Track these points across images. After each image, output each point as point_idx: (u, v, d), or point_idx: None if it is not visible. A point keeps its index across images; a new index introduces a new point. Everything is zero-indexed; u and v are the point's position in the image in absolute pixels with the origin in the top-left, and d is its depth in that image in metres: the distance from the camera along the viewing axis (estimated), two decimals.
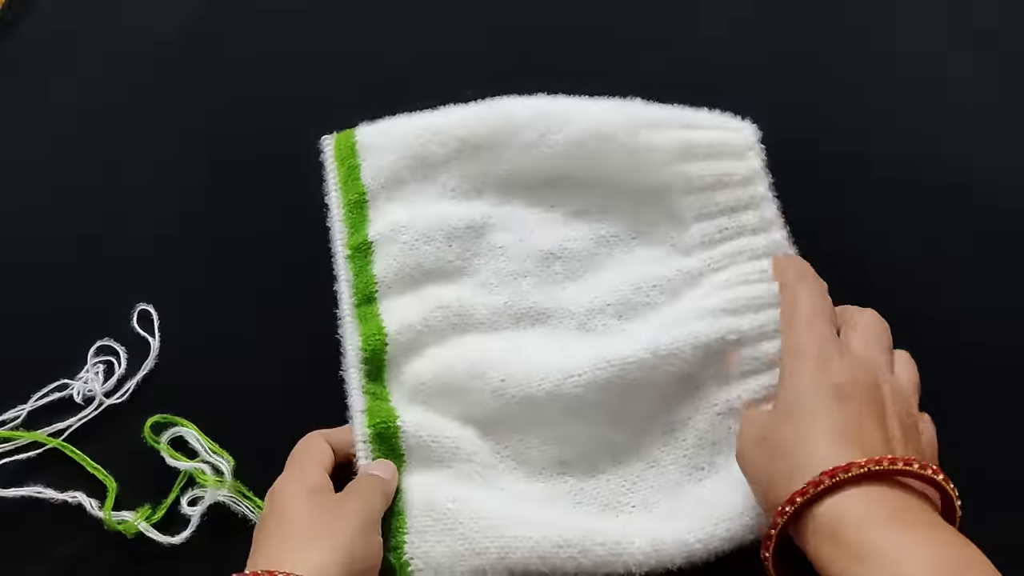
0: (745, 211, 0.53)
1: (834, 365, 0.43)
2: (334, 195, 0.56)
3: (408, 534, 0.46)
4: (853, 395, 0.42)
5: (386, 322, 0.52)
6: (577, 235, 0.55)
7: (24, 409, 0.52)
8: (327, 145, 0.58)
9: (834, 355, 0.44)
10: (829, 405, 0.41)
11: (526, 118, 0.54)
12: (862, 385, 0.42)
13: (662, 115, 0.54)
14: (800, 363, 0.44)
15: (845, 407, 0.41)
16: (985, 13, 0.63)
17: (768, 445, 0.43)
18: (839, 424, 0.41)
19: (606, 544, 0.45)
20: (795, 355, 0.45)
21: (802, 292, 0.48)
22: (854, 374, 0.43)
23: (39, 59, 0.64)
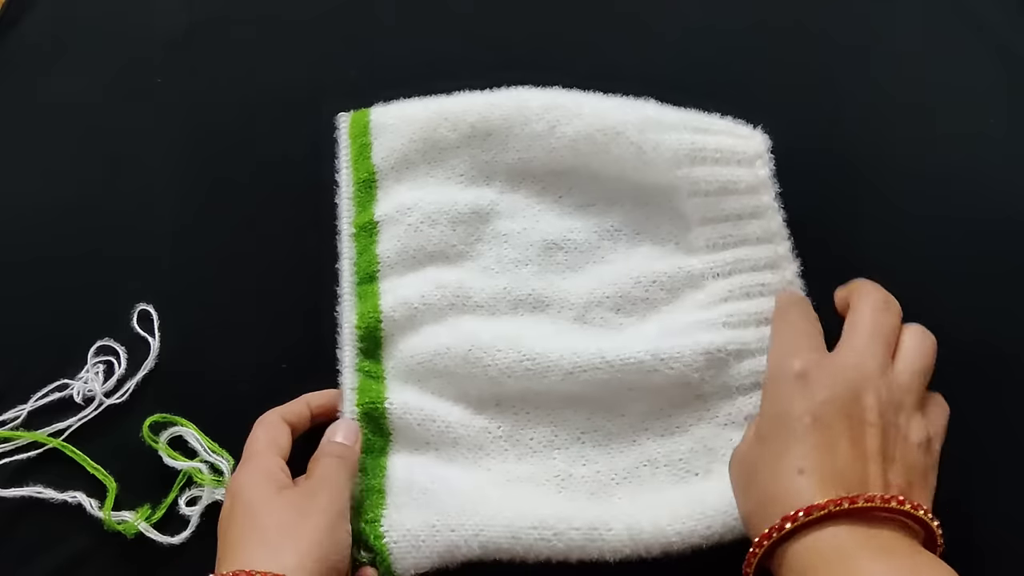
0: (750, 220, 0.53)
1: (811, 384, 0.41)
2: (344, 173, 0.57)
3: (386, 508, 0.47)
4: (825, 417, 0.40)
5: (383, 300, 0.52)
6: (581, 227, 0.55)
7: (24, 409, 0.52)
8: (342, 122, 0.58)
9: (812, 371, 0.42)
10: (803, 433, 0.40)
11: (538, 108, 0.55)
12: (839, 402, 0.40)
13: (673, 117, 0.54)
14: (776, 383, 0.42)
15: (819, 433, 0.40)
16: (988, 15, 0.63)
17: (746, 470, 0.42)
18: (803, 455, 0.39)
19: (582, 528, 0.45)
20: (773, 373, 0.43)
21: (792, 313, 0.47)
22: (833, 390, 0.41)
23: (39, 59, 0.64)
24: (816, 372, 0.41)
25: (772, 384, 0.43)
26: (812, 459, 0.39)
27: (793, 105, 0.60)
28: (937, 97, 0.60)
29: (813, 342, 0.44)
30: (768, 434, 0.41)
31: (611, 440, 0.50)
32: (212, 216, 0.58)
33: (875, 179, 0.58)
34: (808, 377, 0.41)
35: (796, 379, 0.42)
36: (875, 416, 0.40)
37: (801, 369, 0.42)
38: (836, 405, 0.40)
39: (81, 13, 0.66)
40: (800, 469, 0.39)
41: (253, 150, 0.60)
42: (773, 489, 0.39)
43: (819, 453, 0.39)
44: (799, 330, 0.45)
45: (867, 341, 0.43)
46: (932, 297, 0.54)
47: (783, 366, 0.43)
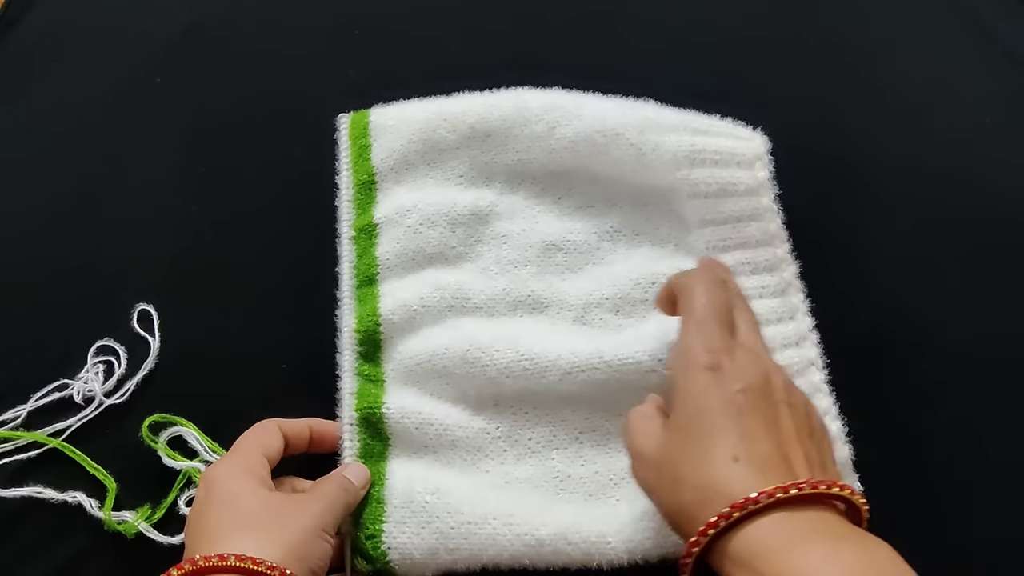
0: (749, 222, 0.53)
1: (726, 373, 0.41)
2: (344, 175, 0.57)
3: (386, 523, 0.47)
4: (746, 405, 0.40)
5: (382, 303, 0.52)
6: (581, 228, 0.55)
7: (24, 409, 0.52)
8: (343, 123, 0.58)
9: (724, 360, 0.41)
10: (725, 423, 0.40)
11: (537, 109, 0.55)
12: (754, 390, 0.40)
13: (673, 118, 0.55)
14: (693, 374, 0.42)
15: (741, 422, 0.39)
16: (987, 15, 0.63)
17: (668, 467, 0.41)
18: (734, 443, 0.39)
19: (580, 545, 0.46)
20: (687, 363, 0.42)
21: (698, 289, 0.45)
22: (745, 378, 0.41)
23: (39, 59, 0.64)
24: (728, 362, 0.42)
25: (685, 378, 0.42)
26: (743, 447, 0.39)
27: (792, 107, 0.60)
28: (935, 99, 0.60)
29: (719, 330, 0.44)
30: (689, 427, 0.41)
31: (609, 440, 0.50)
32: (212, 216, 0.58)
33: (873, 180, 0.58)
34: (721, 368, 0.41)
35: (708, 371, 0.41)
36: (784, 396, 0.41)
37: (714, 361, 0.42)
38: (753, 391, 0.41)
39: (81, 13, 0.66)
40: (734, 457, 0.38)
41: (253, 150, 0.60)
42: (709, 480, 0.38)
43: (748, 440, 0.39)
44: (706, 318, 0.44)
45: (753, 327, 0.45)
46: (931, 297, 0.54)
47: (694, 360, 0.42)
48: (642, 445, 0.42)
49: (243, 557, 0.39)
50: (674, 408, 0.42)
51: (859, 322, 0.53)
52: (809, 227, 0.55)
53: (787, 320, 0.52)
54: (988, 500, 0.49)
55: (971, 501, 0.49)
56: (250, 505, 0.43)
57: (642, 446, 0.42)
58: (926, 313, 0.54)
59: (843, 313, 0.53)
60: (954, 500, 0.49)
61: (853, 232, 0.56)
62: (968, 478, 0.50)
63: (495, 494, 0.48)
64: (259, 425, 0.48)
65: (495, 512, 0.47)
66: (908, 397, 0.52)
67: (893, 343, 0.53)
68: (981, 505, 0.49)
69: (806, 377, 0.50)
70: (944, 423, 0.51)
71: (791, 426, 0.40)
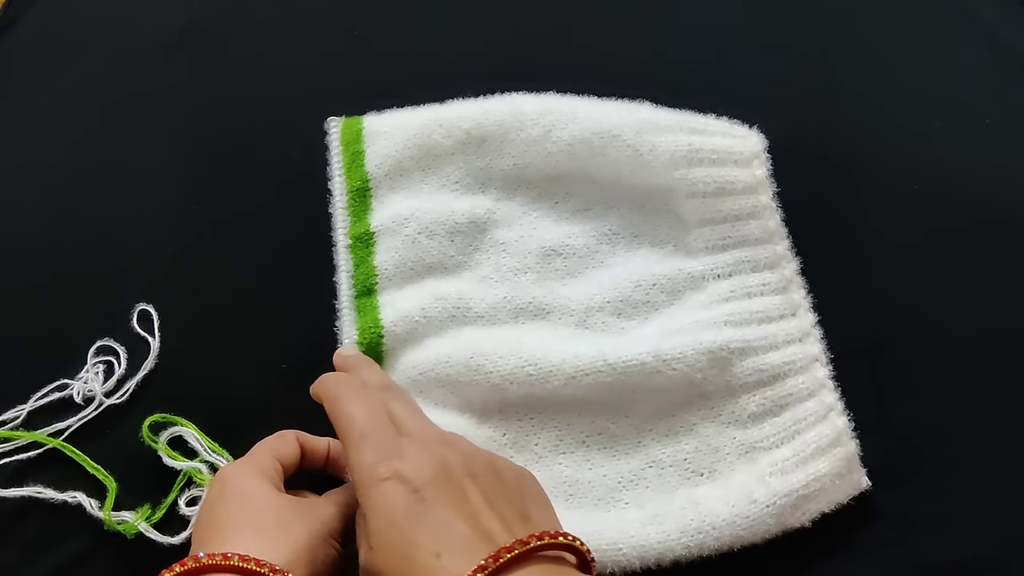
0: (748, 220, 0.53)
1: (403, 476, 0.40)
2: (337, 181, 0.56)
3: None
4: (430, 498, 0.39)
5: (383, 314, 0.52)
6: (579, 232, 0.55)
7: (24, 409, 0.52)
8: (333, 128, 0.58)
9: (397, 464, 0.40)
10: (415, 525, 0.38)
11: (533, 113, 0.55)
12: (432, 480, 0.39)
13: (669, 119, 0.55)
14: (371, 490, 0.40)
15: (429, 518, 0.38)
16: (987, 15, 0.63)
17: None
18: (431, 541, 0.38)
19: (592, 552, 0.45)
20: (363, 482, 0.41)
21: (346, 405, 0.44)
22: (422, 472, 0.40)
23: (38, 59, 0.64)
24: (403, 466, 0.40)
25: (367, 496, 0.40)
26: (440, 538, 0.38)
27: (788, 105, 0.60)
28: (934, 98, 0.60)
29: (383, 437, 0.42)
30: (387, 541, 0.39)
31: (616, 443, 0.50)
32: (212, 216, 0.58)
33: (871, 179, 0.58)
34: (400, 473, 0.40)
35: (388, 480, 0.40)
36: (463, 471, 0.40)
37: (390, 470, 0.40)
38: (433, 483, 0.39)
39: (80, 13, 0.66)
40: (435, 554, 0.37)
41: (252, 150, 0.60)
42: None
43: (442, 530, 0.38)
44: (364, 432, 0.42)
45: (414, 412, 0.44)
46: (929, 296, 0.54)
47: (372, 475, 0.40)
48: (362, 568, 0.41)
49: (246, 557, 0.39)
50: (366, 525, 0.40)
51: (858, 320, 0.54)
52: (807, 225, 0.55)
53: (789, 317, 0.52)
54: (993, 497, 0.49)
55: (977, 497, 0.49)
56: (260, 505, 0.43)
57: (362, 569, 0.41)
58: (924, 310, 0.54)
59: (842, 310, 0.53)
60: (959, 496, 0.49)
61: (851, 230, 0.56)
62: (972, 475, 0.50)
63: None
64: (278, 433, 0.48)
65: None
66: (908, 394, 0.52)
67: (892, 341, 0.53)
68: (985, 502, 0.49)
69: (810, 373, 0.50)
70: (945, 420, 0.51)
71: (479, 497, 0.39)
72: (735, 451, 0.49)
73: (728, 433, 0.50)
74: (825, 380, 0.50)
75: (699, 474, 0.49)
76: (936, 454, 0.50)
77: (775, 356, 0.50)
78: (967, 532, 0.48)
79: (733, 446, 0.49)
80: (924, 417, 0.51)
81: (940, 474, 0.50)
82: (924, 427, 0.51)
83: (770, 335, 0.51)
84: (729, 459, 0.49)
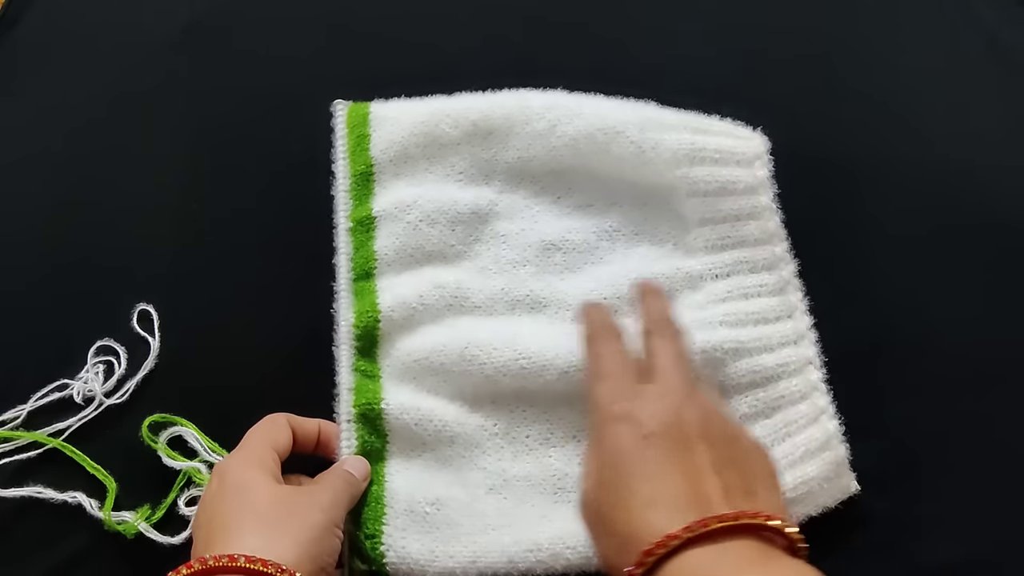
0: (748, 221, 0.53)
1: (634, 419, 0.42)
2: (341, 164, 0.57)
3: (386, 527, 0.47)
4: (656, 446, 0.40)
5: (381, 299, 0.52)
6: (580, 227, 0.55)
7: (24, 409, 0.52)
8: (339, 111, 0.58)
9: (629, 407, 0.42)
10: (636, 469, 0.40)
11: (539, 108, 0.55)
12: (663, 430, 0.41)
13: (673, 117, 0.55)
14: (603, 426, 0.43)
15: (656, 464, 0.40)
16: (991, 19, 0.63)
17: (597, 518, 0.41)
18: (653, 485, 0.39)
19: (577, 548, 0.46)
20: (598, 416, 0.43)
21: (603, 345, 0.47)
22: (654, 420, 0.41)
23: (39, 59, 0.64)
24: (638, 409, 0.42)
25: (599, 430, 0.43)
26: (656, 490, 0.39)
27: (789, 105, 0.60)
28: (935, 99, 0.60)
29: (622, 380, 0.45)
30: (608, 478, 0.41)
31: None
32: (212, 216, 0.58)
33: (872, 180, 0.58)
34: (632, 415, 0.42)
35: (620, 420, 0.42)
36: (698, 430, 0.41)
37: (623, 410, 0.42)
38: (663, 433, 0.41)
39: (80, 13, 0.66)
40: (647, 502, 0.39)
41: (253, 150, 0.60)
42: (627, 528, 0.38)
43: (660, 482, 0.39)
44: (612, 368, 0.45)
45: (673, 367, 0.45)
46: (929, 296, 0.54)
47: (606, 411, 0.43)
48: (581, 498, 0.43)
49: (253, 558, 0.39)
50: (591, 458, 0.43)
51: (857, 321, 0.53)
52: (808, 226, 0.55)
53: (785, 319, 0.52)
54: (987, 499, 0.49)
55: (971, 500, 0.49)
56: (262, 498, 0.43)
57: (581, 499, 0.43)
58: (924, 312, 0.54)
59: (841, 312, 0.53)
60: (953, 499, 0.49)
61: (852, 231, 0.56)
62: (967, 478, 0.50)
63: (494, 502, 0.48)
64: (268, 419, 0.48)
65: (494, 523, 0.47)
66: (905, 396, 0.52)
67: (891, 342, 0.53)
68: (979, 505, 0.49)
69: (804, 376, 0.50)
70: (942, 422, 0.51)
71: (707, 460, 0.40)
72: None
73: None
74: (818, 383, 0.50)
75: None
76: (931, 456, 0.50)
77: (769, 358, 0.50)
78: (961, 535, 0.48)
79: None
80: (921, 419, 0.51)
81: (935, 477, 0.49)
82: (920, 429, 0.51)
83: (765, 337, 0.51)
84: None
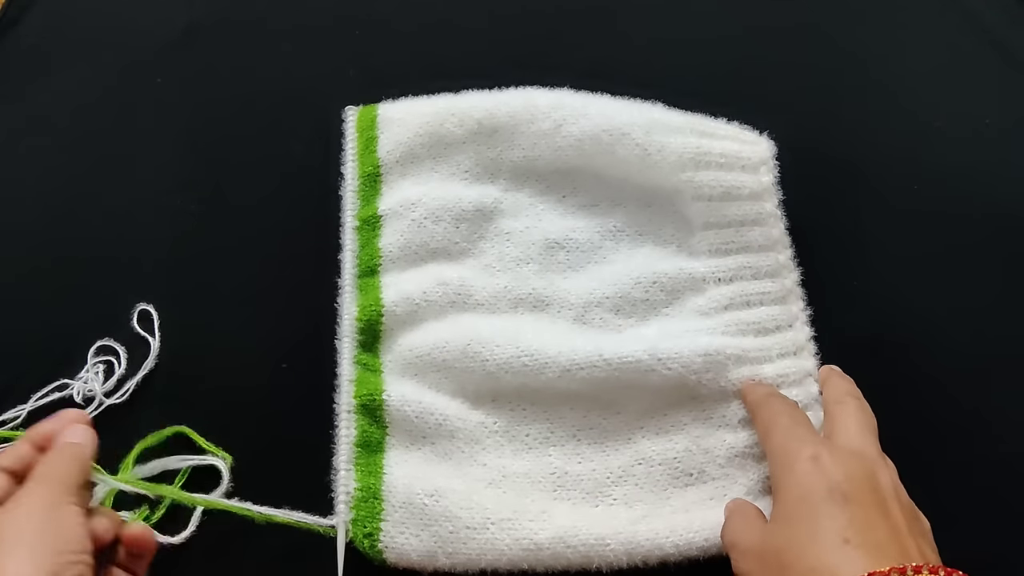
0: (752, 227, 0.53)
1: (826, 463, 0.42)
2: (350, 166, 0.57)
3: (384, 522, 0.47)
4: (852, 493, 0.40)
5: (385, 294, 0.52)
6: (584, 226, 0.56)
7: (24, 409, 0.52)
8: (350, 116, 0.58)
9: (823, 453, 0.42)
10: (830, 508, 0.40)
11: (545, 107, 0.55)
12: (859, 479, 0.41)
13: (679, 120, 0.55)
14: (791, 467, 0.43)
15: (847, 508, 0.40)
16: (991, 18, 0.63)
17: (772, 556, 0.41)
18: (843, 527, 0.39)
19: (578, 548, 0.46)
20: (784, 460, 0.43)
21: (777, 402, 0.48)
22: (849, 470, 0.41)
23: (39, 59, 0.64)
24: (828, 455, 0.42)
25: (786, 469, 0.43)
26: (854, 530, 0.39)
27: (788, 105, 0.60)
28: (936, 101, 0.61)
29: (810, 427, 0.45)
30: (794, 515, 0.41)
31: (607, 438, 0.50)
32: (212, 216, 0.58)
33: (877, 184, 0.58)
34: (821, 459, 0.42)
35: (811, 461, 0.42)
36: (892, 492, 0.41)
37: (813, 453, 0.42)
38: (858, 482, 0.41)
39: (80, 13, 0.66)
40: (845, 539, 0.38)
41: (253, 150, 0.60)
42: (818, 563, 0.38)
43: (858, 525, 0.39)
44: (794, 421, 0.46)
45: (858, 433, 0.45)
46: (933, 301, 0.54)
47: (793, 451, 0.43)
48: (742, 539, 0.43)
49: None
50: (776, 502, 0.43)
51: (862, 326, 0.54)
52: (813, 231, 0.55)
53: (786, 329, 0.52)
54: (987, 499, 0.49)
55: (969, 500, 0.49)
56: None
57: (742, 539, 0.43)
58: (929, 317, 0.54)
59: (846, 317, 0.53)
60: (952, 499, 0.49)
61: (857, 236, 0.56)
62: (967, 477, 0.50)
63: (493, 495, 0.48)
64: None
65: (494, 517, 0.47)
66: (910, 403, 0.52)
67: (896, 348, 0.53)
68: (979, 504, 0.49)
69: (803, 388, 0.50)
70: (942, 423, 0.51)
71: (902, 520, 0.40)
72: (725, 454, 0.49)
73: (718, 436, 0.50)
74: (817, 395, 0.50)
75: (688, 474, 0.49)
76: (931, 457, 0.50)
77: (769, 368, 0.51)
78: (961, 534, 0.48)
79: (723, 448, 0.49)
80: (921, 420, 0.51)
81: (934, 477, 0.49)
82: (920, 430, 0.51)
83: (766, 348, 0.51)
84: (719, 462, 0.49)
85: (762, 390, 0.49)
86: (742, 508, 0.45)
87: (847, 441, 0.44)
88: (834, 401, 0.48)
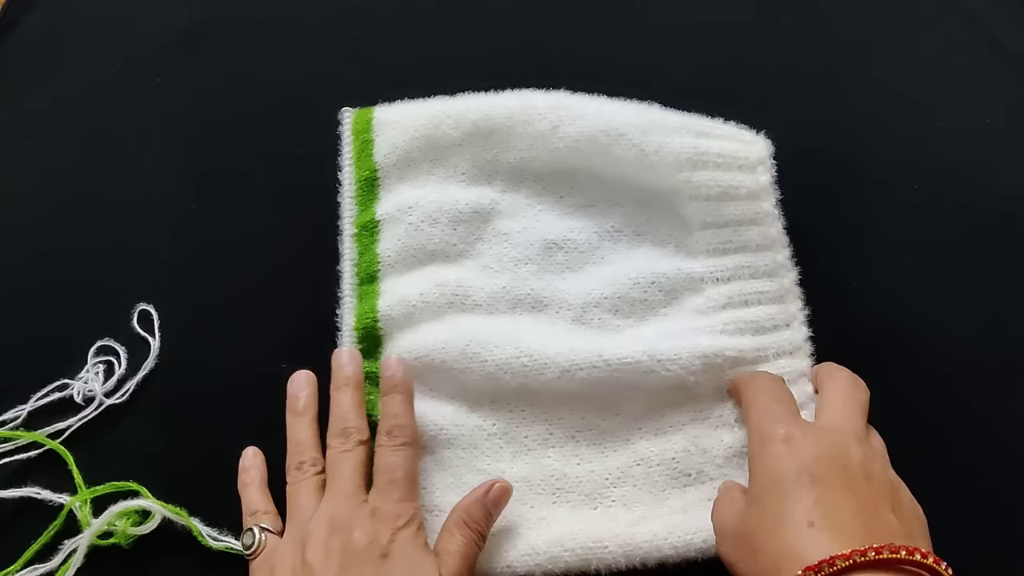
0: (750, 227, 0.53)
1: (797, 445, 0.42)
2: (347, 171, 0.57)
3: None
4: (820, 474, 0.41)
5: (381, 300, 0.52)
6: (582, 227, 0.55)
7: (24, 409, 0.52)
8: (346, 119, 0.58)
9: (796, 433, 0.43)
10: (797, 491, 0.40)
11: (542, 108, 0.55)
12: (828, 460, 0.41)
13: (677, 120, 0.55)
14: (763, 449, 0.43)
15: (813, 490, 0.40)
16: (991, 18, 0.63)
17: (744, 538, 0.41)
18: (809, 509, 0.39)
19: (577, 551, 0.46)
20: (758, 440, 0.44)
21: (759, 379, 0.48)
22: (819, 450, 0.42)
23: (39, 59, 0.64)
24: (800, 435, 0.43)
25: (759, 450, 0.44)
26: (819, 512, 0.39)
27: (794, 112, 0.60)
28: (936, 101, 0.60)
29: (790, 408, 0.46)
30: (764, 498, 0.41)
31: (605, 439, 0.50)
32: (212, 216, 0.58)
33: (876, 184, 0.58)
34: (793, 439, 0.43)
35: (783, 442, 0.43)
36: (861, 471, 0.41)
37: (786, 433, 0.43)
38: (827, 461, 0.41)
39: (81, 13, 0.66)
40: (810, 522, 0.39)
41: (253, 150, 0.60)
42: (783, 547, 0.38)
43: (824, 506, 0.39)
44: (774, 399, 0.46)
45: (842, 409, 0.46)
46: (934, 301, 0.54)
47: (768, 432, 0.44)
48: (723, 521, 0.43)
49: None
50: (750, 484, 0.43)
51: (861, 326, 0.53)
52: (811, 230, 0.55)
53: (783, 328, 0.52)
54: (988, 498, 0.49)
55: (970, 499, 0.49)
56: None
57: (723, 522, 0.43)
58: (929, 317, 0.54)
59: (845, 317, 0.53)
60: (953, 498, 0.49)
61: (856, 236, 0.56)
62: (968, 476, 0.50)
63: None
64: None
65: (493, 528, 0.47)
66: (910, 403, 0.52)
67: (895, 347, 0.53)
68: (981, 503, 0.49)
69: (799, 387, 0.50)
70: (943, 422, 0.51)
71: (870, 497, 0.40)
72: (723, 454, 0.49)
73: (716, 436, 0.50)
74: (813, 395, 0.50)
75: (687, 475, 0.49)
76: (932, 456, 0.50)
77: (766, 369, 0.50)
78: (962, 534, 0.48)
79: (721, 448, 0.49)
80: (923, 417, 0.51)
81: (936, 476, 0.49)
82: (922, 427, 0.51)
83: (763, 347, 0.51)
84: (717, 462, 0.49)
85: (751, 372, 0.50)
86: (727, 490, 0.45)
87: (828, 417, 0.45)
88: (826, 374, 0.49)
